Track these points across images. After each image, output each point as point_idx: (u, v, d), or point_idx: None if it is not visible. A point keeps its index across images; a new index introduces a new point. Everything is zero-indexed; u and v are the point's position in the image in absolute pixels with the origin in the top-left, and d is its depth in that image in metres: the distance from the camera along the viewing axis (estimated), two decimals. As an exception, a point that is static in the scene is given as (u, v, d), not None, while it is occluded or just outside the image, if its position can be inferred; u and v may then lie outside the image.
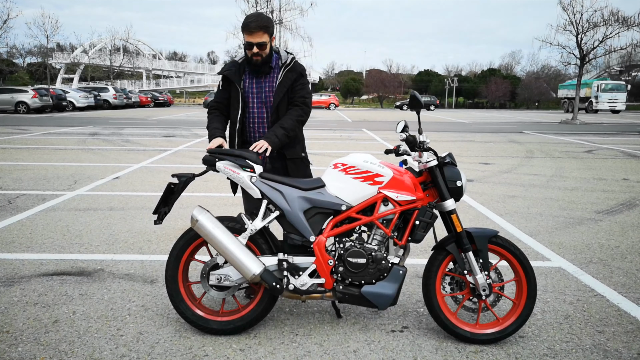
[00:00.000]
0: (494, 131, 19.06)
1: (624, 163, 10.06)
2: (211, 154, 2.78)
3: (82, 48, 53.84)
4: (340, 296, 2.70)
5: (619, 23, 24.03)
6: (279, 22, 21.67)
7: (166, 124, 21.24)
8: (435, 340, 2.80)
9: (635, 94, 54.24)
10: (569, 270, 3.91)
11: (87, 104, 33.21)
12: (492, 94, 59.78)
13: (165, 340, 2.74)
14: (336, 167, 2.75)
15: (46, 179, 7.45)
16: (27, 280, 3.54)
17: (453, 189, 2.68)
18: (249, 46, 2.92)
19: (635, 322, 3.03)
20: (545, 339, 2.81)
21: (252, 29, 2.89)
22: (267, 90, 3.06)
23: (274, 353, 2.63)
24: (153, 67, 67.33)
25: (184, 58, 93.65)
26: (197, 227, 2.64)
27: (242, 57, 3.08)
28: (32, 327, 2.84)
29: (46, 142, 12.64)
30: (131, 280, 3.57)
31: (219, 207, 5.79)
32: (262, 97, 3.07)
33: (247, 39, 2.92)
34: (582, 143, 14.23)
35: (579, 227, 5.16)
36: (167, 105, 47.80)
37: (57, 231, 4.75)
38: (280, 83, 3.03)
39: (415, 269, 3.82)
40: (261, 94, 3.07)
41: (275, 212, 2.73)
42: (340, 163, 2.75)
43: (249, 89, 3.07)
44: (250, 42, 2.91)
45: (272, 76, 3.07)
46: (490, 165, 9.67)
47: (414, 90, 2.74)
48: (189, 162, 9.61)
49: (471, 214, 5.69)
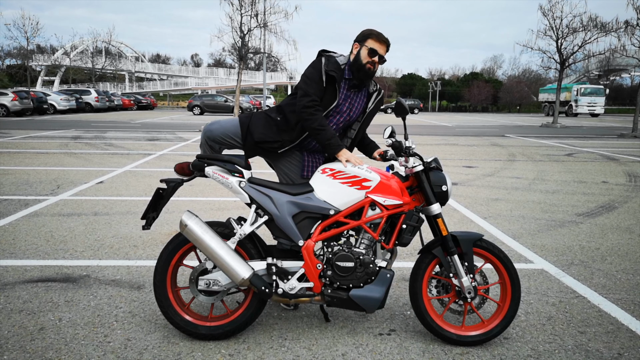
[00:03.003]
0: (477, 134, 19.30)
1: (603, 166, 10.27)
2: (199, 159, 2.79)
3: (64, 50, 53.08)
4: (328, 300, 2.73)
5: (598, 29, 24.53)
6: (263, 25, 21.62)
7: (150, 127, 21.06)
8: (422, 342, 2.84)
9: (613, 98, 55.37)
10: (551, 272, 3.99)
11: (68, 106, 32.73)
12: (475, 97, 60.51)
13: (153, 346, 2.73)
14: (324, 172, 2.77)
15: (28, 183, 7.34)
16: (11, 287, 3.49)
17: (439, 193, 2.74)
18: (372, 53, 2.84)
19: (615, 322, 3.11)
20: (529, 340, 2.87)
21: (384, 39, 2.87)
22: (357, 107, 2.99)
23: (262, 358, 2.64)
24: (136, 70, 66.65)
25: (167, 60, 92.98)
26: (186, 232, 2.65)
27: (344, 62, 2.92)
28: (18, 335, 2.81)
29: (27, 145, 12.43)
30: (118, 286, 3.55)
31: (205, 211, 5.77)
32: (349, 112, 2.97)
33: (374, 46, 2.85)
34: (563, 146, 14.49)
35: (561, 230, 5.27)
36: (151, 108, 47.36)
37: (41, 237, 4.69)
38: (371, 111, 3.02)
39: (402, 272, 3.87)
40: (351, 108, 2.97)
41: (264, 216, 2.74)
42: (329, 168, 2.77)
43: (344, 99, 2.94)
44: (375, 50, 2.84)
45: (361, 94, 3.01)
46: (473, 168, 9.80)
47: (400, 97, 2.79)
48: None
49: (456, 217, 5.77)
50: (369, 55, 2.84)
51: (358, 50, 2.88)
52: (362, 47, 2.86)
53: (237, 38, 21.19)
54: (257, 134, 2.92)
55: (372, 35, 2.86)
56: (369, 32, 2.88)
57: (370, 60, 2.84)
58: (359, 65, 2.86)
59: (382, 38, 2.86)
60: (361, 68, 2.86)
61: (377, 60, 2.87)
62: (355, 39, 2.94)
